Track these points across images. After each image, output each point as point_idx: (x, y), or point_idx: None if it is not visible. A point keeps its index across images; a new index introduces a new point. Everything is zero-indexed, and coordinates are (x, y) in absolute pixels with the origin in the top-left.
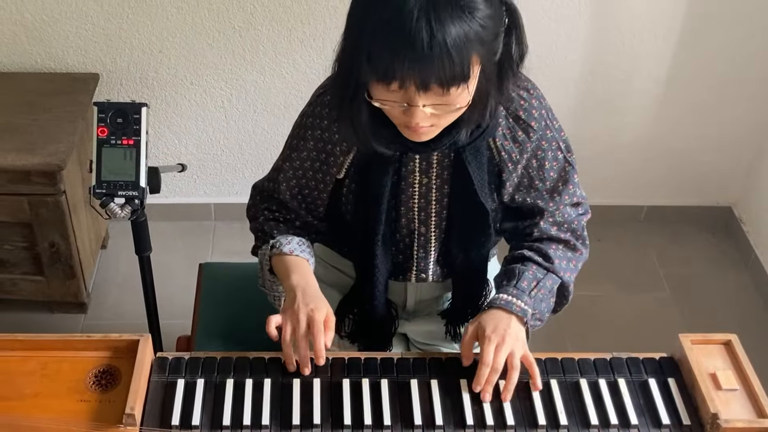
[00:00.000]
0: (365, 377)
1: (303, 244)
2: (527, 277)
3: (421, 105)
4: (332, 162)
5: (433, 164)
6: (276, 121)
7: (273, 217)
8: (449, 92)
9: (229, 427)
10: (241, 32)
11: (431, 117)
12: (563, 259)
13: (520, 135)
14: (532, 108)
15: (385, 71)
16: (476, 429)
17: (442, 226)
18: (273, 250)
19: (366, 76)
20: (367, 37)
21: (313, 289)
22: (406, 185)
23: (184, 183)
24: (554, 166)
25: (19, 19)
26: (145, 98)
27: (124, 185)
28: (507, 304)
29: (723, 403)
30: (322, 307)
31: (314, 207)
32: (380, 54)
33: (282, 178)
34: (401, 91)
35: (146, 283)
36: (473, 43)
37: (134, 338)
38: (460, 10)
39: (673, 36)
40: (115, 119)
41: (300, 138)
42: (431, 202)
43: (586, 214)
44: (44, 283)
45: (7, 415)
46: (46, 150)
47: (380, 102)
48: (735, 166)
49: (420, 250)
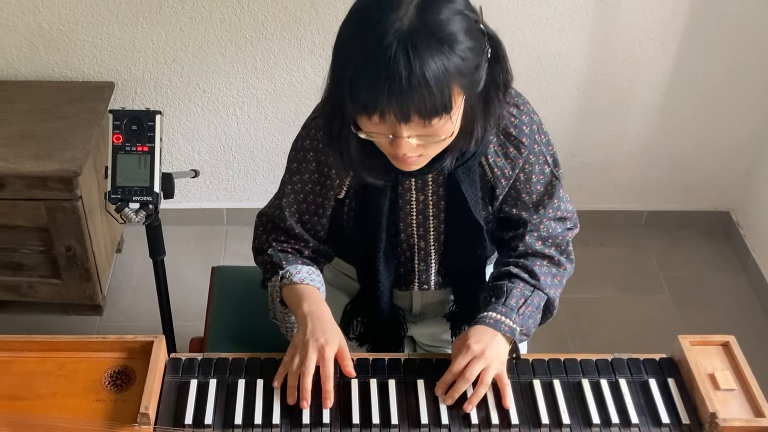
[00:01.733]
0: (373, 377)
1: (313, 273)
2: (515, 295)
3: (406, 136)
4: (329, 185)
5: (428, 183)
6: (286, 128)
7: (281, 248)
8: (431, 123)
9: (240, 426)
10: (252, 42)
11: (418, 147)
12: (548, 275)
13: (511, 151)
14: (523, 124)
15: (366, 104)
16: (481, 428)
17: (440, 240)
18: (283, 280)
19: (350, 110)
20: (349, 71)
21: (326, 319)
22: (403, 203)
23: (197, 188)
24: (541, 180)
25: (37, 29)
26: (159, 106)
27: (139, 191)
28: (496, 324)
29: (721, 403)
30: (333, 340)
31: (315, 231)
32: (360, 87)
33: (285, 204)
34: (384, 123)
35: (160, 285)
36: (453, 75)
37: (148, 339)
38: (439, 44)
39: (673, 45)
40: (130, 126)
41: (299, 161)
42: (429, 218)
43: (573, 229)
44: (61, 285)
45: (24, 414)
46: (63, 156)
47: (367, 134)
48: (733, 172)
49: (421, 263)
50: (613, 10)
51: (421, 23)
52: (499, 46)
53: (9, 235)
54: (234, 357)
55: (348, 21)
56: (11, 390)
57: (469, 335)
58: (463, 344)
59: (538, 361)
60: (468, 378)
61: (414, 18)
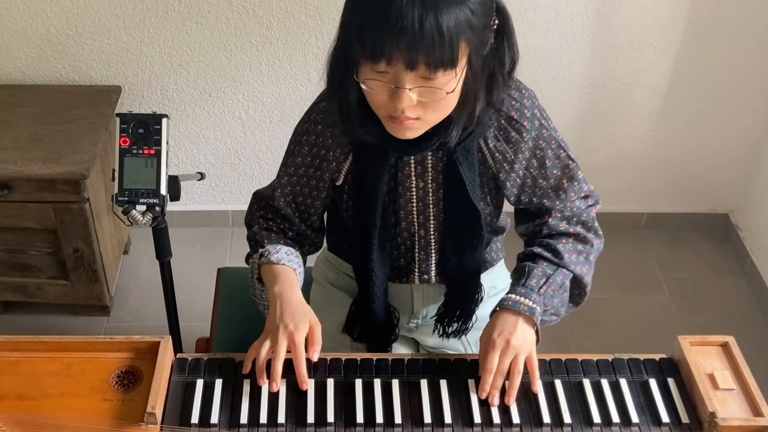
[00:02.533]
0: (377, 377)
1: (291, 254)
2: (536, 275)
3: (408, 88)
4: (326, 167)
5: (428, 168)
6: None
7: (266, 226)
8: (436, 75)
9: (246, 426)
10: (257, 46)
11: (417, 106)
12: (573, 252)
13: (513, 135)
14: (524, 108)
15: (373, 48)
16: (483, 427)
17: (440, 229)
18: (262, 258)
19: (356, 54)
20: (359, 17)
21: (295, 302)
22: (403, 189)
23: (202, 191)
24: (556, 164)
25: (45, 34)
26: (166, 109)
27: (146, 193)
28: (515, 305)
29: (720, 402)
30: (302, 325)
31: (308, 215)
32: (370, 32)
33: (278, 184)
34: (389, 72)
35: (167, 287)
36: (463, 26)
37: (155, 340)
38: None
39: (672, 50)
40: (137, 130)
41: (296, 144)
42: (429, 205)
43: (595, 205)
44: (69, 286)
45: (33, 414)
46: (71, 159)
47: (367, 83)
48: (732, 175)
49: (421, 252)
50: (614, 15)
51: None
52: (507, 19)
53: (17, 236)
54: (240, 357)
55: None
56: (20, 390)
57: (492, 327)
58: (489, 338)
59: (540, 361)
60: (502, 372)
61: None
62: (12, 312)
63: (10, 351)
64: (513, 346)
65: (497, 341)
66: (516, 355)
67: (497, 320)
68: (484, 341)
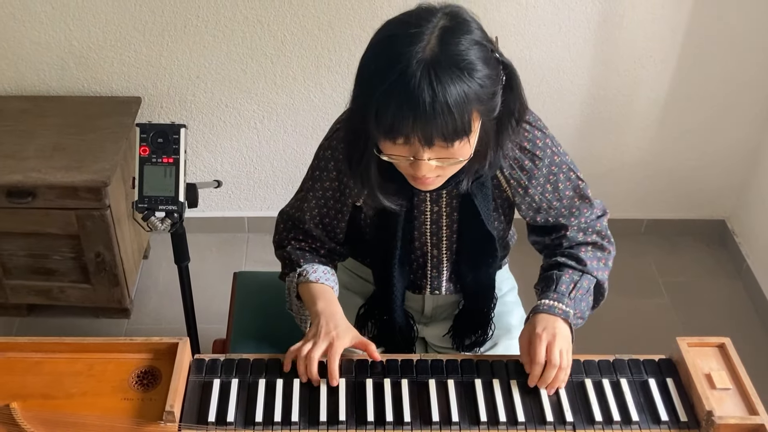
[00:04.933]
0: (387, 377)
1: (328, 272)
2: (564, 281)
3: (427, 158)
4: (348, 192)
5: (442, 195)
6: (304, 141)
7: (299, 246)
8: (452, 146)
9: (261, 424)
10: (272, 59)
11: (436, 169)
12: (593, 259)
13: (527, 164)
14: (536, 138)
15: (391, 129)
16: (489, 426)
17: (452, 249)
18: (300, 278)
19: (374, 133)
20: (375, 98)
21: (338, 317)
22: (418, 213)
23: (219, 198)
24: (568, 186)
25: (68, 47)
26: (184, 120)
27: (165, 200)
28: (550, 309)
29: (717, 402)
30: (344, 335)
31: (334, 234)
32: (386, 113)
33: (306, 208)
34: (407, 146)
35: (185, 290)
36: (472, 101)
37: (174, 341)
38: (460, 71)
39: (672, 62)
40: (156, 139)
41: (321, 170)
42: (442, 228)
43: (604, 215)
44: (90, 290)
45: (56, 413)
46: (93, 168)
47: (389, 156)
48: (728, 182)
49: (433, 270)
50: (615, 28)
51: (443, 52)
52: (513, 74)
53: (41, 242)
54: (255, 358)
55: (371, 51)
56: (44, 389)
57: (534, 324)
58: (532, 334)
59: None
60: (555, 363)
61: (436, 48)
62: (36, 314)
63: (35, 352)
64: (558, 339)
65: (543, 334)
66: (562, 349)
67: (537, 320)
68: (525, 337)
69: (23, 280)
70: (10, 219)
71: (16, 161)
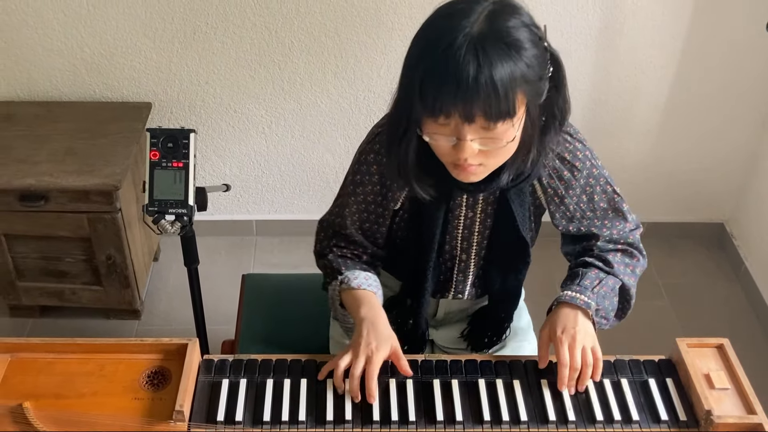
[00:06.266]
0: (392, 377)
1: (370, 278)
2: (589, 277)
3: (469, 139)
4: (390, 196)
5: (479, 201)
6: (311, 146)
7: (341, 254)
8: (495, 126)
9: (269, 423)
10: (279, 65)
11: (479, 155)
12: (621, 263)
13: (566, 174)
14: (576, 150)
15: (433, 104)
16: (493, 425)
17: (481, 254)
18: (342, 285)
19: (417, 111)
20: (419, 73)
21: (381, 324)
22: (452, 217)
23: (228, 201)
24: (603, 198)
25: (80, 53)
26: (193, 125)
27: (174, 204)
28: (571, 299)
29: (716, 401)
30: (383, 347)
31: (374, 239)
32: (429, 88)
33: (347, 213)
34: (449, 125)
35: (194, 292)
36: (518, 80)
37: (183, 342)
38: (507, 48)
39: (671, 68)
40: (166, 144)
41: (362, 173)
42: (474, 233)
43: (638, 229)
44: (102, 292)
45: (68, 412)
46: (104, 172)
47: (430, 136)
48: (727, 186)
49: (459, 274)
50: (616, 35)
51: (491, 29)
52: (561, 68)
53: (53, 245)
54: (263, 358)
55: (420, 33)
56: (56, 389)
57: (554, 324)
58: (553, 334)
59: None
60: (577, 366)
61: (484, 24)
62: (48, 316)
63: (47, 352)
64: (578, 339)
65: (563, 338)
66: (583, 348)
67: (557, 316)
68: (544, 337)
69: (36, 282)
70: (23, 222)
71: (29, 165)
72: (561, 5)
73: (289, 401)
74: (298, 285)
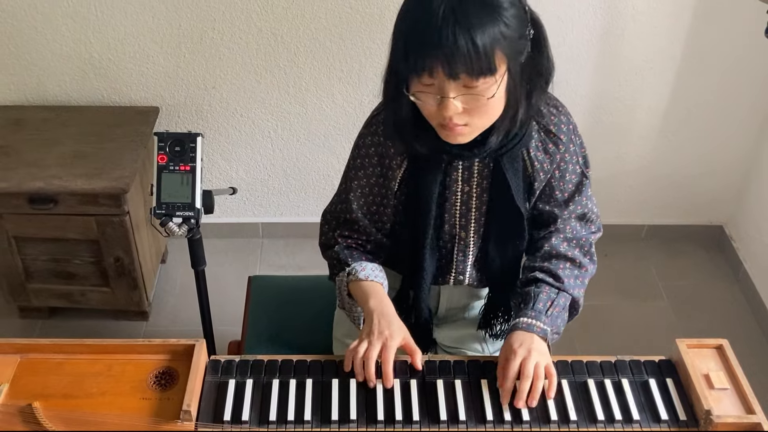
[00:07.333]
0: (396, 377)
1: (376, 269)
2: (542, 299)
3: (452, 96)
4: (390, 175)
5: (474, 173)
6: (317, 149)
7: (346, 244)
8: (477, 83)
9: (275, 422)
10: (285, 70)
11: (464, 114)
12: (571, 277)
13: (550, 147)
14: (561, 123)
15: (415, 63)
16: (495, 424)
17: (480, 232)
18: (350, 276)
19: (403, 70)
20: (403, 36)
21: (390, 314)
22: (449, 193)
23: (234, 204)
24: (572, 179)
25: (88, 58)
26: (200, 129)
27: (182, 206)
28: (528, 327)
29: (715, 401)
30: (396, 335)
31: (381, 223)
32: (412, 48)
33: (353, 198)
34: (433, 83)
35: (201, 293)
36: (497, 38)
37: (190, 343)
38: (485, 7)
39: (671, 73)
40: (174, 148)
41: (362, 157)
42: (471, 209)
43: (597, 233)
44: (110, 293)
45: (76, 412)
46: (112, 175)
47: (416, 95)
48: (726, 189)
49: (459, 254)
50: (617, 41)
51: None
52: (541, 29)
53: (62, 247)
54: (269, 359)
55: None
56: (65, 389)
57: (511, 342)
58: (510, 351)
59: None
60: (528, 375)
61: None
62: (57, 317)
63: (56, 353)
64: (533, 354)
65: (518, 350)
66: (538, 362)
67: (515, 337)
68: (503, 354)
69: (45, 283)
70: (33, 225)
71: (39, 169)
72: (562, 11)
73: (294, 401)
74: (303, 286)
